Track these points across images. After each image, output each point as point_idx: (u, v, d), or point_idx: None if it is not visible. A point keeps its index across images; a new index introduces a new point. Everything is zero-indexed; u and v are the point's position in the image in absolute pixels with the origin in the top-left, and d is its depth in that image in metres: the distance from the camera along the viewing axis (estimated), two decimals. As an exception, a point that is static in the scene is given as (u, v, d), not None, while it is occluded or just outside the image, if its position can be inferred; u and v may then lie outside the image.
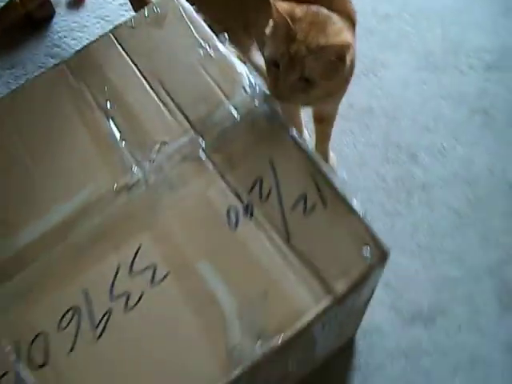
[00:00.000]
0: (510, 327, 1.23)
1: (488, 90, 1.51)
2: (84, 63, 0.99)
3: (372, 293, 0.94)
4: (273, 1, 0.92)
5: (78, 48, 1.02)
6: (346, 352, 1.21)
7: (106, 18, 1.63)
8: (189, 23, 1.00)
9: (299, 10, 0.94)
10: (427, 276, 1.28)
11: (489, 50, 1.58)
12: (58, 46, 1.59)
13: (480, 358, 1.20)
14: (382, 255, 0.81)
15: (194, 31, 1.00)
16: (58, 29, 1.62)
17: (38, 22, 1.61)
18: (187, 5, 1.03)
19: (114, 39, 1.01)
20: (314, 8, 0.96)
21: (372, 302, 1.17)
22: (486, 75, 1.54)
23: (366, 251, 0.81)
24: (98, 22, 1.62)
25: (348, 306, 0.83)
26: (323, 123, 1.27)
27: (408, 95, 1.50)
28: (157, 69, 0.97)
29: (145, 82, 0.96)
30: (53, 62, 1.53)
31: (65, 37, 1.60)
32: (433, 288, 1.27)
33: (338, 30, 0.94)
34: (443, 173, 1.40)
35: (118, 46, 1.00)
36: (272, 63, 0.95)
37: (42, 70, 1.46)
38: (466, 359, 1.20)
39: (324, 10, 0.96)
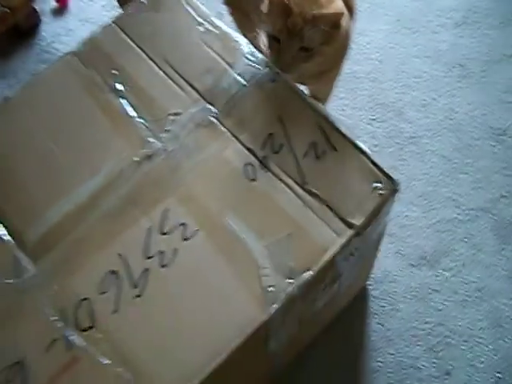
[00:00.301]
0: (509, 257, 1.32)
1: (460, 44, 1.61)
2: (91, 52, 1.04)
3: (384, 228, 1.01)
4: None
5: (66, 51, 1.07)
6: (361, 300, 1.28)
7: (90, 20, 1.68)
8: (185, 5, 1.07)
9: None
10: (427, 222, 1.36)
11: (456, 9, 1.67)
12: (48, 52, 1.64)
13: (486, 290, 1.29)
14: (392, 187, 0.89)
15: (191, 11, 1.06)
16: (46, 35, 1.67)
17: (25, 31, 1.66)
18: (181, -13, 1.09)
19: (116, 27, 1.06)
20: None
21: (379, 251, 1.25)
22: (457, 31, 1.63)
23: (378, 185, 0.89)
24: (83, 25, 1.67)
25: (366, 237, 0.90)
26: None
27: (387, 58, 1.58)
28: (161, 49, 1.03)
29: (151, 63, 1.02)
30: (44, 67, 1.58)
31: (53, 42, 1.66)
32: (434, 232, 1.35)
33: (329, 0, 0.99)
34: (429, 124, 1.48)
35: (122, 33, 1.06)
36: (272, 38, 0.99)
37: (36, 75, 1.53)
38: (473, 292, 1.29)
39: None
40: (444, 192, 1.39)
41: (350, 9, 1.11)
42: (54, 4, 1.74)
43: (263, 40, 1.02)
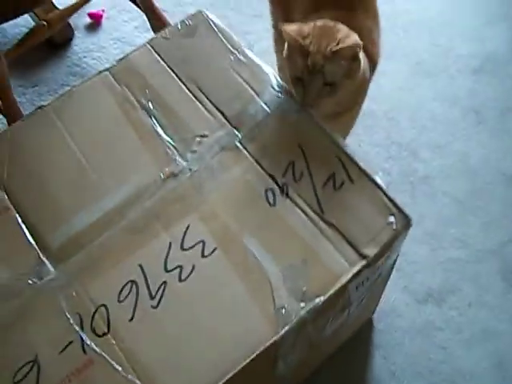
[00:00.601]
0: (515, 301, 1.34)
1: (477, 91, 1.65)
2: (125, 70, 1.09)
3: (395, 261, 1.04)
4: (282, 25, 1.01)
5: (97, 67, 1.12)
6: (366, 331, 1.30)
7: (122, 40, 1.74)
8: (218, 33, 1.12)
9: (306, 27, 1.03)
10: (435, 260, 1.39)
11: (474, 56, 1.72)
12: (78, 66, 1.69)
13: (490, 331, 1.31)
14: (405, 223, 0.93)
15: (223, 40, 1.11)
16: (78, 50, 1.73)
17: (58, 44, 1.72)
18: (215, 17, 1.15)
19: (151, 49, 1.12)
20: (320, 22, 1.04)
21: (387, 285, 1.28)
22: (474, 78, 1.68)
23: (392, 219, 0.92)
24: (115, 43, 1.73)
25: (377, 269, 0.93)
26: None
27: (405, 99, 1.63)
28: (192, 73, 1.08)
29: (182, 85, 1.07)
30: (74, 80, 1.64)
31: (84, 57, 1.71)
32: (441, 270, 1.38)
33: (345, 34, 1.02)
34: (442, 166, 1.52)
35: (155, 55, 1.11)
36: (296, 79, 1.02)
37: (65, 87, 1.59)
38: (478, 333, 1.30)
39: (329, 22, 1.05)
40: (453, 232, 1.42)
41: (372, 59, 1.14)
42: (88, 20, 1.80)
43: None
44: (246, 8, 1.83)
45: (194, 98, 1.05)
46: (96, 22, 1.79)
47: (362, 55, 1.04)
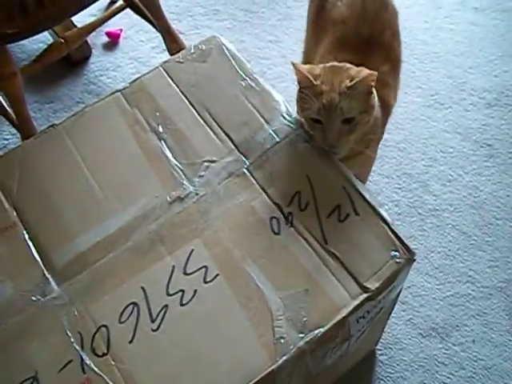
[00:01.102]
0: (520, 340, 1.32)
1: (490, 125, 1.65)
2: (137, 92, 1.11)
3: (398, 295, 1.04)
4: (294, 64, 1.01)
5: (113, 86, 1.13)
6: (368, 363, 1.29)
7: (139, 60, 1.76)
8: (231, 59, 1.13)
9: (317, 68, 1.02)
10: (441, 294, 1.38)
11: (488, 90, 1.72)
12: (94, 84, 1.72)
13: (494, 369, 1.29)
14: (409, 257, 0.92)
15: (235, 66, 1.13)
16: (95, 68, 1.76)
17: (75, 61, 1.75)
18: (229, 43, 1.16)
19: (163, 71, 1.13)
20: (329, 64, 1.04)
21: (391, 317, 1.27)
22: (487, 112, 1.68)
23: (396, 254, 0.92)
24: (132, 63, 1.76)
25: (379, 302, 0.93)
26: None
27: (417, 130, 1.63)
28: (203, 98, 1.09)
29: (192, 109, 1.08)
30: (90, 97, 1.66)
31: (100, 75, 1.74)
32: (446, 305, 1.37)
33: (357, 70, 1.00)
34: (452, 199, 1.52)
35: (168, 78, 1.12)
36: (312, 122, 1.00)
37: (80, 105, 1.61)
38: (481, 370, 1.29)
39: (338, 63, 1.04)
40: (460, 267, 1.41)
41: (384, 101, 1.14)
42: (105, 39, 1.83)
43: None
44: (263, 33, 1.85)
45: (203, 123, 1.06)
46: (114, 41, 1.82)
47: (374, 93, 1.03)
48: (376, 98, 1.05)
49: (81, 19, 1.68)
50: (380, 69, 1.12)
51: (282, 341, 0.86)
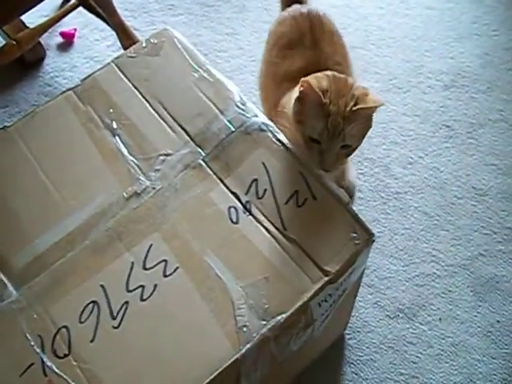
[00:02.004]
0: (485, 315, 1.34)
1: (448, 106, 1.67)
2: (89, 89, 1.09)
3: (361, 277, 1.04)
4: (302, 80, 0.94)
5: (69, 86, 1.11)
6: (337, 348, 1.30)
7: (95, 59, 1.74)
8: (183, 51, 1.13)
9: (323, 80, 0.95)
10: (407, 275, 1.39)
11: (445, 72, 1.74)
12: (50, 85, 1.69)
13: (461, 345, 1.31)
14: (368, 238, 0.93)
15: (188, 58, 1.12)
16: (50, 69, 1.73)
17: (29, 63, 1.72)
18: (180, 35, 1.15)
19: (115, 67, 1.12)
20: (329, 73, 0.98)
21: (358, 301, 1.28)
22: (445, 94, 1.69)
23: (354, 235, 0.92)
24: (88, 62, 1.73)
25: (340, 285, 0.93)
26: None
27: (377, 115, 1.61)
28: (156, 91, 1.08)
29: (146, 103, 1.07)
30: (46, 99, 1.63)
31: (56, 76, 1.71)
32: (412, 285, 1.38)
33: (363, 92, 0.95)
34: (413, 181, 1.53)
35: (120, 73, 1.11)
36: (311, 140, 0.95)
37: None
38: (448, 347, 1.31)
39: (337, 74, 0.99)
40: (424, 247, 1.43)
41: None
42: (59, 40, 1.80)
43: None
44: (219, 26, 1.84)
45: (157, 117, 1.06)
46: (68, 41, 1.79)
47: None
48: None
49: (33, 20, 1.67)
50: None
51: (245, 329, 0.86)
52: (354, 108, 0.92)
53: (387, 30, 1.86)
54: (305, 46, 1.15)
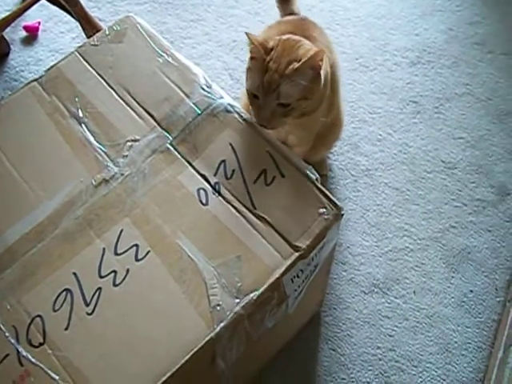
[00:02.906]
0: (458, 285, 1.37)
1: (414, 82, 1.69)
2: (54, 79, 1.09)
3: (332, 253, 1.06)
4: (248, 34, 0.99)
5: None
6: (314, 326, 1.32)
7: (61, 51, 1.73)
8: (146, 37, 1.13)
9: (271, 41, 1.01)
10: (379, 251, 1.41)
11: (411, 49, 1.76)
12: (16, 80, 1.68)
13: (436, 316, 1.33)
14: (337, 213, 0.94)
15: (151, 43, 1.12)
16: (15, 64, 1.71)
17: (-6, 59, 1.70)
18: (143, 21, 1.15)
19: (79, 56, 1.11)
20: (285, 36, 1.03)
21: (332, 278, 1.30)
22: (411, 70, 1.71)
23: (323, 211, 0.93)
24: (53, 55, 1.72)
25: (312, 260, 0.94)
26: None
27: (345, 94, 1.64)
28: (121, 78, 1.08)
29: (111, 91, 1.07)
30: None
31: (21, 71, 1.70)
32: (386, 260, 1.40)
33: (307, 48, 1.00)
34: (383, 158, 1.55)
35: (84, 62, 1.11)
36: (252, 96, 1.02)
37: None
38: (423, 319, 1.33)
39: (295, 36, 1.03)
40: (396, 222, 1.45)
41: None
42: (23, 34, 1.78)
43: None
44: (184, 13, 1.83)
45: (123, 103, 1.06)
46: (32, 34, 1.77)
47: (324, 64, 1.01)
48: (324, 74, 1.03)
49: (-6, 14, 1.65)
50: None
51: (218, 308, 0.86)
52: (296, 66, 0.96)
53: (352, 9, 1.87)
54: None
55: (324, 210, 0.94)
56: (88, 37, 1.58)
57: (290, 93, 0.98)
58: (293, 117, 1.04)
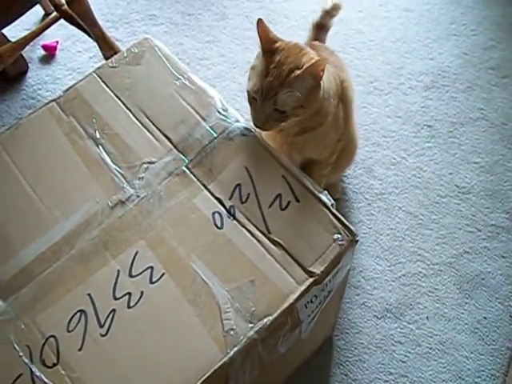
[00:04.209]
0: (472, 311, 1.36)
1: (429, 106, 1.69)
2: (71, 100, 1.10)
3: (346, 278, 1.05)
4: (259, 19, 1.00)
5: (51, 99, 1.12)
6: (326, 350, 1.31)
7: (78, 70, 1.75)
8: (164, 59, 1.14)
9: (280, 42, 1.02)
10: (393, 275, 1.41)
11: (425, 73, 1.77)
12: (33, 98, 1.70)
13: (449, 343, 1.32)
14: (351, 239, 0.94)
15: (169, 66, 1.13)
16: (32, 82, 1.74)
17: (12, 77, 1.72)
18: (161, 44, 1.16)
19: (97, 77, 1.13)
20: (293, 42, 1.04)
21: (345, 302, 1.29)
22: (426, 94, 1.72)
23: (338, 236, 0.93)
24: (70, 74, 1.74)
25: (326, 286, 0.94)
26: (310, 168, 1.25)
27: (359, 117, 1.65)
28: (138, 100, 1.09)
29: (128, 112, 1.08)
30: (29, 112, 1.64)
31: (39, 89, 1.72)
32: (399, 285, 1.39)
33: (310, 56, 1.01)
34: (397, 182, 1.55)
35: (102, 83, 1.12)
36: (251, 98, 1.03)
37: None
38: (436, 345, 1.32)
39: (301, 44, 1.05)
40: (409, 247, 1.44)
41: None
42: (42, 52, 1.81)
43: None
44: (200, 34, 1.85)
45: (140, 125, 1.06)
46: (50, 53, 1.80)
47: (325, 77, 1.03)
48: (325, 86, 1.04)
49: (14, 34, 1.67)
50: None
51: (232, 332, 0.86)
52: (297, 73, 0.97)
53: (367, 32, 1.88)
54: None
55: (339, 235, 0.94)
56: (105, 57, 1.60)
57: (287, 101, 1.00)
58: (293, 132, 1.07)
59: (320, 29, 1.33)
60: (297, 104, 1.01)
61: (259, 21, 1.01)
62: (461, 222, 1.48)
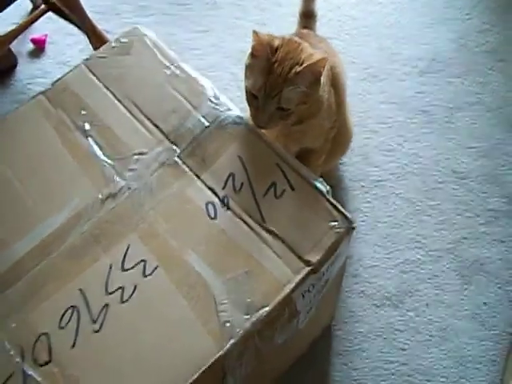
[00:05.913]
0: (472, 298, 1.34)
1: (424, 92, 1.67)
2: (60, 92, 1.08)
3: (343, 266, 1.04)
4: (255, 32, 0.97)
5: None
6: (325, 339, 1.29)
7: (68, 63, 1.72)
8: (154, 49, 1.12)
9: (277, 40, 0.99)
10: (391, 263, 1.39)
11: (420, 58, 1.74)
12: (23, 93, 1.67)
13: (449, 329, 1.31)
14: (348, 226, 0.92)
15: (159, 55, 1.11)
16: (22, 77, 1.71)
17: (1, 72, 1.69)
18: (151, 33, 1.14)
19: (86, 69, 1.11)
20: (287, 36, 1.02)
21: (344, 291, 1.27)
22: (421, 79, 1.69)
23: (334, 224, 0.92)
24: (60, 68, 1.71)
25: (323, 275, 0.92)
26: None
27: (355, 104, 1.63)
28: (128, 90, 1.07)
29: (118, 103, 1.06)
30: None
31: (29, 84, 1.69)
32: (398, 273, 1.38)
33: (311, 52, 0.99)
34: (394, 168, 1.53)
35: (91, 75, 1.10)
36: (251, 96, 1.00)
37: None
38: (437, 332, 1.30)
39: (296, 38, 1.02)
40: (408, 234, 1.43)
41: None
42: (31, 46, 1.78)
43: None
44: (192, 24, 1.83)
45: (130, 116, 1.04)
46: (39, 47, 1.77)
47: (324, 73, 1.01)
48: (322, 81, 1.02)
49: (2, 28, 1.65)
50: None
51: (228, 325, 0.85)
52: (298, 69, 0.95)
53: (360, 18, 1.86)
54: None
55: (335, 223, 0.92)
56: (95, 49, 1.57)
57: (292, 98, 0.98)
58: (291, 123, 1.03)
59: (307, 17, 1.31)
60: (300, 100, 0.99)
61: (254, 32, 0.98)
62: (459, 208, 1.46)
